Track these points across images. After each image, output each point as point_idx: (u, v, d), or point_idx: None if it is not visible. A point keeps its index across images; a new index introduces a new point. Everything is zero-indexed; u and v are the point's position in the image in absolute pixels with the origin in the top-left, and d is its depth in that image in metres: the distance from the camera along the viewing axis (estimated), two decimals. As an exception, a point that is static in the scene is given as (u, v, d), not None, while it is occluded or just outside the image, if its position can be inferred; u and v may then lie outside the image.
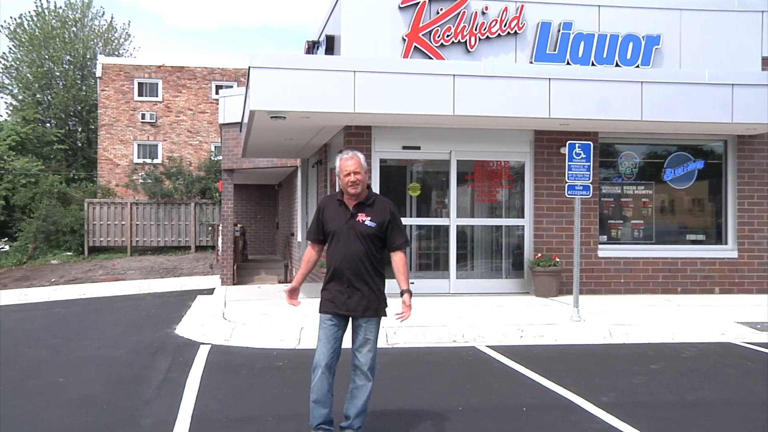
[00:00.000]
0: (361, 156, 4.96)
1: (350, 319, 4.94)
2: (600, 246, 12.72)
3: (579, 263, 9.96)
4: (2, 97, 40.07)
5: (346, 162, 4.89)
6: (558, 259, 12.20)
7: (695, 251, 13.09)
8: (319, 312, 4.96)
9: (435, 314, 10.00)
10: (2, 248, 27.83)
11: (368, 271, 4.88)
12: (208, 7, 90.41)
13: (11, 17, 53.50)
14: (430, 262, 12.68)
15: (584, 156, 9.62)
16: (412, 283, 12.61)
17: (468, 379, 6.98)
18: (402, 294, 4.95)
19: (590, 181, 9.71)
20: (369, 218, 4.90)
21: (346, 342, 4.97)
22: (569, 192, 9.71)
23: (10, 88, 39.39)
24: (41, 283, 19.16)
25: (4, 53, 39.00)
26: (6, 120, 35.00)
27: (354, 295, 4.86)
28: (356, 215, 4.91)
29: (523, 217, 12.68)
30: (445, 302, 11.33)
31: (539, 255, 12.31)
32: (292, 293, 5.06)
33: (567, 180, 9.68)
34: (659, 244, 13.06)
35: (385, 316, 5.01)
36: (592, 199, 12.09)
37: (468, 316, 9.86)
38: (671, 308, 11.01)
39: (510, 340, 8.76)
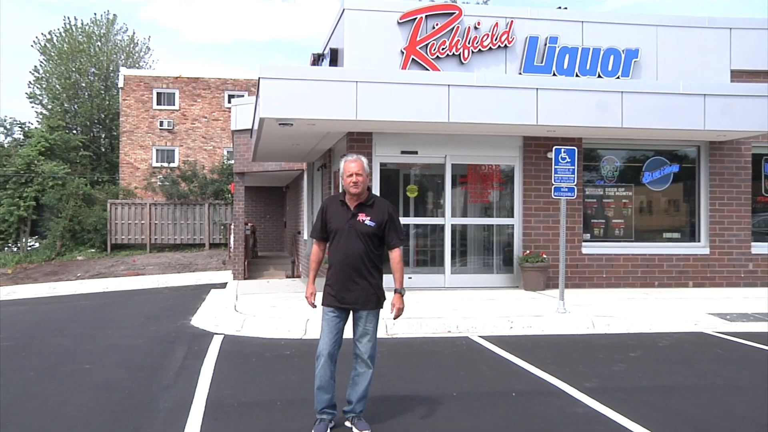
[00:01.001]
0: (364, 160, 4.95)
1: (351, 311, 4.93)
2: (584, 243, 12.72)
3: (564, 259, 9.94)
4: (33, 107, 40.27)
5: (350, 164, 4.88)
6: (545, 256, 12.18)
7: (671, 248, 13.09)
8: (322, 305, 4.96)
9: (431, 307, 10.00)
10: (33, 245, 27.84)
11: (367, 267, 4.88)
12: (222, 23, 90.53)
13: (42, 34, 53.81)
14: (427, 259, 12.67)
15: (569, 160, 9.61)
16: (410, 278, 12.65)
17: (462, 366, 6.98)
18: (395, 292, 4.96)
19: (575, 183, 9.70)
20: (369, 218, 4.89)
21: (347, 333, 4.97)
22: (555, 193, 9.70)
23: (40, 98, 39.63)
24: (68, 278, 19.16)
25: (35, 66, 39.23)
26: (36, 127, 35.13)
27: (354, 289, 4.86)
28: (357, 215, 4.90)
29: (512, 216, 12.66)
30: (440, 296, 11.33)
31: (527, 252, 12.29)
32: (312, 297, 5.06)
33: (553, 182, 9.66)
34: (638, 241, 13.06)
35: (382, 308, 5.01)
36: (576, 200, 12.06)
37: (462, 309, 9.86)
38: (649, 301, 11.00)
39: (501, 330, 8.75)
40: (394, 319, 5.01)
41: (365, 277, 4.88)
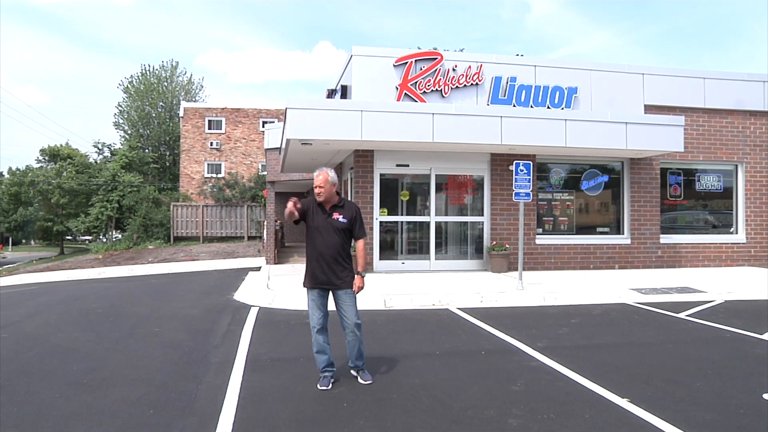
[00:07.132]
0: (330, 173, 4.70)
1: (330, 290, 4.76)
2: (537, 236, 12.68)
3: (522, 248, 9.91)
4: (117, 132, 41.00)
5: (317, 177, 4.71)
6: (507, 245, 12.15)
7: (602, 239, 13.07)
8: (307, 287, 4.78)
9: (419, 285, 9.97)
10: (117, 237, 28.02)
11: (341, 255, 4.74)
12: (257, 68, 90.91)
13: (125, 77, 54.88)
14: (416, 248, 12.63)
15: (526, 172, 9.58)
16: (403, 263, 12.58)
17: (443, 331, 6.94)
18: (357, 274, 4.80)
19: (530, 189, 9.67)
20: (341, 216, 4.75)
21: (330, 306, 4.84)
22: (516, 197, 9.67)
23: (123, 126, 40.21)
24: (142, 262, 19.09)
25: (119, 102, 40.13)
26: (119, 148, 35.64)
27: (332, 273, 4.71)
28: (332, 214, 4.76)
29: (482, 215, 12.63)
30: (426, 277, 11.29)
31: (494, 242, 12.26)
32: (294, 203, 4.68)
33: (514, 189, 9.63)
34: (578, 234, 13.03)
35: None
36: (531, 202, 12.08)
37: (443, 287, 9.82)
38: (586, 279, 10.98)
39: (473, 303, 8.72)
40: (355, 294, 4.76)
41: (340, 262, 4.72)
